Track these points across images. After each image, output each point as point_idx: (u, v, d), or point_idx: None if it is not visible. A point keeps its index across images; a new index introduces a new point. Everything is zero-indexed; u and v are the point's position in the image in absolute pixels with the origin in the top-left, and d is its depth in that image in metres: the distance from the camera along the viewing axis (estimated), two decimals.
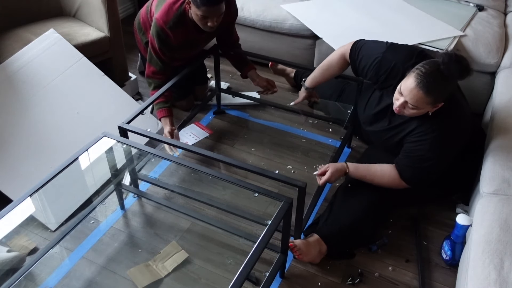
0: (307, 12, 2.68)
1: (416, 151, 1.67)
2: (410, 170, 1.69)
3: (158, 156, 1.69)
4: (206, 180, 2.14)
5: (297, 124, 2.50)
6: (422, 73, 1.50)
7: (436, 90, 1.50)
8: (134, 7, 3.62)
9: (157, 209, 2.00)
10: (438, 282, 1.72)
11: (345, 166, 1.76)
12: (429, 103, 1.54)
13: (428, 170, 1.68)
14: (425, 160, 1.65)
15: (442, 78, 1.49)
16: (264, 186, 2.07)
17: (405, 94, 1.56)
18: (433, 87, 1.49)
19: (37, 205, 1.72)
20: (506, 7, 2.79)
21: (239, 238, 1.84)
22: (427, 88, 1.49)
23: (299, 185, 1.51)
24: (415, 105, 1.55)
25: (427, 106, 1.56)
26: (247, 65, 2.41)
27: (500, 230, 1.43)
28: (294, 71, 2.70)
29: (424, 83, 1.49)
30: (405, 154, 1.71)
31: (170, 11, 2.00)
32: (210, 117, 2.55)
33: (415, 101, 1.54)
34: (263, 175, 1.59)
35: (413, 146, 1.68)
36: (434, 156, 1.65)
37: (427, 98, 1.51)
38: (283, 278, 1.72)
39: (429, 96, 1.51)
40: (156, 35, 2.03)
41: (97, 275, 1.72)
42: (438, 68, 1.49)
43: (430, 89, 1.49)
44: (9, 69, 2.09)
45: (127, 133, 1.79)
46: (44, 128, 2.06)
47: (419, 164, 1.67)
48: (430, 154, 1.64)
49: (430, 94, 1.50)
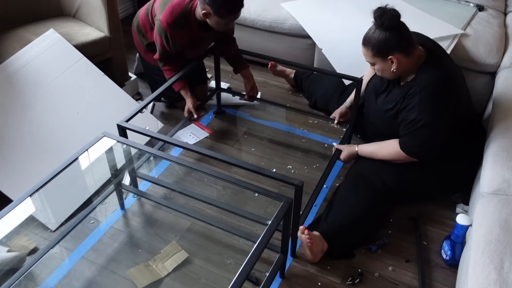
0: (305, 12, 2.68)
1: (407, 118, 1.74)
2: (407, 138, 1.76)
3: (157, 155, 1.68)
4: (206, 180, 2.14)
5: (297, 124, 2.50)
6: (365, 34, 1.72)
7: (370, 40, 1.69)
8: (134, 7, 3.63)
9: (157, 209, 2.00)
10: (438, 282, 1.72)
11: (355, 148, 1.98)
12: (372, 55, 1.72)
13: (424, 133, 1.71)
14: (417, 122, 1.71)
15: (374, 29, 1.68)
16: (264, 186, 2.08)
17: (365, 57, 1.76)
18: (367, 38, 1.70)
19: (37, 205, 1.72)
20: (506, 7, 2.79)
21: (239, 238, 1.84)
22: (363, 41, 1.72)
23: (295, 184, 1.51)
24: (368, 61, 1.76)
25: (376, 59, 1.73)
26: (241, 62, 2.44)
27: (500, 230, 1.43)
28: (294, 72, 2.70)
29: (363, 38, 1.72)
30: (401, 125, 1.78)
31: (175, 12, 2.03)
32: (210, 117, 2.55)
33: (366, 58, 1.76)
34: (260, 174, 1.59)
35: (405, 115, 1.76)
36: (425, 116, 1.69)
37: (366, 50, 1.72)
38: (283, 278, 1.72)
39: (366, 47, 1.72)
40: (161, 35, 2.08)
41: (97, 275, 1.72)
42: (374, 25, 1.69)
43: (365, 41, 1.71)
44: (9, 69, 2.09)
45: (126, 131, 1.79)
46: (44, 128, 2.06)
47: (413, 128, 1.72)
48: (421, 115, 1.70)
49: (365, 45, 1.71)
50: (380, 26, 1.66)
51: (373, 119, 1.99)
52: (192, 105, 2.25)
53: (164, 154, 1.71)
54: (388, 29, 1.65)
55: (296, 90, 2.76)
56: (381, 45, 1.68)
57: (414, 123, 1.72)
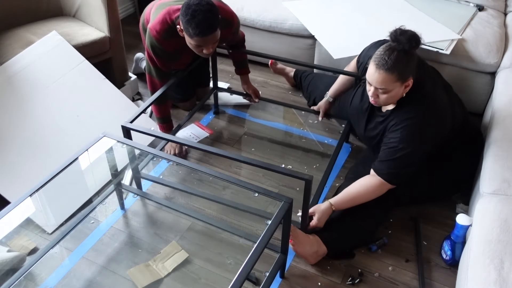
0: (306, 11, 2.68)
1: (389, 143, 1.69)
2: (387, 165, 1.69)
3: (158, 156, 1.69)
4: (206, 180, 2.14)
5: (297, 124, 2.50)
6: (377, 55, 1.57)
7: (395, 65, 1.54)
8: (134, 7, 3.62)
9: (157, 209, 2.00)
10: (438, 282, 1.72)
11: (329, 205, 1.75)
12: (394, 80, 1.57)
13: (404, 160, 1.67)
14: (399, 150, 1.66)
15: (395, 52, 1.54)
16: (264, 186, 2.08)
17: (371, 81, 1.61)
18: (391, 64, 1.54)
19: (35, 206, 1.71)
20: (506, 7, 2.79)
21: (239, 238, 1.84)
22: (385, 66, 1.54)
23: (305, 178, 1.55)
24: (383, 87, 1.59)
25: (395, 84, 1.58)
26: (244, 67, 2.42)
27: (500, 230, 1.43)
28: (294, 70, 2.70)
29: (382, 63, 1.54)
30: (382, 149, 1.73)
31: (165, 22, 1.91)
32: (210, 117, 2.55)
33: (381, 83, 1.58)
34: (269, 169, 1.61)
35: (387, 140, 1.71)
36: (407, 144, 1.65)
37: (389, 75, 1.55)
38: (283, 278, 1.72)
39: (390, 72, 1.55)
40: (150, 45, 1.97)
41: (97, 275, 1.72)
42: (389, 46, 1.56)
43: (389, 66, 1.54)
44: (10, 71, 2.09)
45: (130, 132, 1.79)
46: (44, 131, 2.06)
47: (394, 155, 1.67)
48: (404, 143, 1.65)
49: (390, 70, 1.54)
50: (409, 48, 1.54)
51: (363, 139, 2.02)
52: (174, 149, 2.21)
53: (167, 155, 1.70)
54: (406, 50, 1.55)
55: (296, 89, 2.76)
56: (407, 68, 1.57)
57: (393, 151, 1.67)
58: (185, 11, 1.74)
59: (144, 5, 3.10)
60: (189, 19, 1.72)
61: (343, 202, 1.76)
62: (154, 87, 2.10)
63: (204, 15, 1.72)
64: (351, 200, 1.75)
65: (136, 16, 3.58)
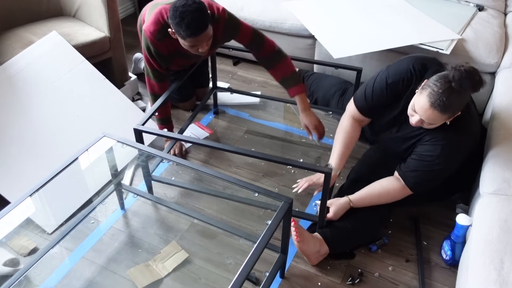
0: (306, 11, 2.68)
1: (426, 156, 1.65)
2: (416, 175, 1.68)
3: (163, 157, 1.69)
4: (206, 180, 2.14)
5: (297, 124, 2.50)
6: (434, 92, 1.47)
7: (451, 107, 1.48)
8: (134, 7, 3.62)
9: (157, 209, 2.00)
10: (438, 282, 1.72)
11: (348, 201, 1.76)
12: (446, 119, 1.54)
13: (434, 174, 1.67)
14: (434, 165, 1.64)
15: (455, 95, 1.46)
16: (264, 186, 2.08)
17: (420, 113, 1.54)
18: (448, 105, 1.46)
19: (35, 206, 1.71)
20: (506, 7, 2.79)
21: (239, 238, 1.84)
22: (442, 108, 1.47)
23: (325, 171, 1.58)
24: (432, 122, 1.55)
25: (444, 121, 1.56)
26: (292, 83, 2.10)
27: (500, 230, 1.43)
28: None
29: (438, 103, 1.46)
30: (414, 158, 1.69)
31: (158, 22, 1.87)
32: (210, 117, 2.55)
33: (432, 120, 1.53)
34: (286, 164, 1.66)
35: (424, 150, 1.66)
36: (443, 161, 1.63)
37: (443, 115, 1.50)
38: (283, 278, 1.72)
39: (445, 113, 1.49)
40: (146, 47, 1.95)
41: (97, 275, 1.72)
42: (450, 86, 1.45)
43: (446, 108, 1.47)
44: (10, 70, 2.09)
45: (142, 135, 1.79)
46: (44, 131, 2.06)
47: (427, 168, 1.65)
48: (440, 159, 1.63)
49: (446, 112, 1.48)
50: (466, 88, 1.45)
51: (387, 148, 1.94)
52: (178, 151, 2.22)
53: (168, 155, 1.69)
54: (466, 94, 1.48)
55: None
56: (459, 108, 1.51)
57: (427, 163, 1.65)
58: (173, 14, 1.72)
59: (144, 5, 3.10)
60: (179, 22, 1.71)
61: (362, 200, 1.76)
62: (153, 89, 2.10)
63: (192, 15, 1.70)
64: (370, 199, 1.76)
65: (136, 16, 3.58)
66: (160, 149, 2.21)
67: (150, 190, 2.01)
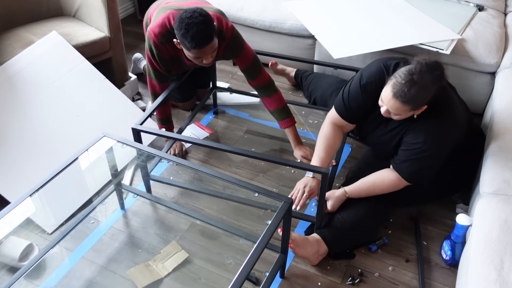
0: (306, 11, 2.68)
1: (413, 144, 1.68)
2: (408, 165, 1.70)
3: (164, 157, 1.69)
4: (206, 180, 2.14)
5: (297, 124, 2.49)
6: (397, 83, 1.52)
7: (412, 99, 1.52)
8: (134, 7, 3.62)
9: (157, 209, 2.00)
10: (438, 282, 1.72)
11: (344, 192, 1.80)
12: (408, 110, 1.57)
13: (426, 161, 1.68)
14: (423, 151, 1.66)
15: (416, 86, 1.50)
16: (264, 186, 2.08)
17: (385, 102, 1.60)
18: (409, 97, 1.51)
19: (35, 206, 1.71)
20: (506, 7, 2.79)
21: (239, 238, 1.84)
22: (403, 98, 1.52)
23: (322, 171, 1.60)
24: (396, 113, 1.60)
25: (409, 113, 1.60)
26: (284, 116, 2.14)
27: (500, 230, 1.43)
28: (295, 71, 2.70)
29: (400, 93, 1.52)
30: (403, 149, 1.72)
31: (164, 25, 1.88)
32: (210, 117, 2.55)
33: (395, 110, 1.58)
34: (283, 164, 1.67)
35: (410, 139, 1.70)
36: (430, 146, 1.66)
37: (404, 106, 1.55)
38: (283, 278, 1.72)
39: (406, 104, 1.54)
40: (149, 48, 1.95)
41: (97, 275, 1.72)
42: (412, 78, 1.50)
43: (407, 98, 1.52)
44: (10, 70, 2.09)
45: (140, 134, 1.79)
46: (44, 131, 2.06)
47: (417, 155, 1.68)
48: (427, 145, 1.65)
49: (406, 103, 1.53)
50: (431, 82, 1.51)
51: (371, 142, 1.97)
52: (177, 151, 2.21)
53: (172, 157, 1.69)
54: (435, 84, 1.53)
55: (296, 89, 2.76)
56: (423, 101, 1.56)
57: (415, 152, 1.67)
58: (179, 25, 1.72)
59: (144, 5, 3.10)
60: (184, 33, 1.71)
61: (358, 191, 1.79)
62: (154, 89, 2.10)
63: (198, 27, 1.70)
64: (366, 190, 1.79)
65: (136, 16, 3.58)
66: (160, 149, 2.21)
67: (148, 190, 2.01)
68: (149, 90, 2.13)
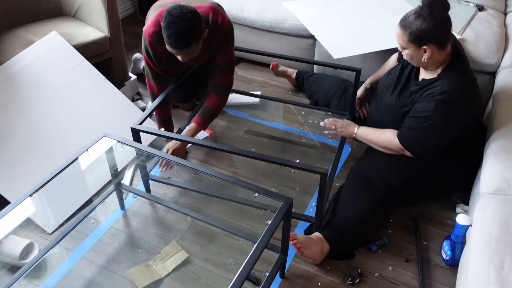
0: (306, 11, 2.68)
1: (422, 112, 1.71)
2: (409, 133, 1.75)
3: (163, 157, 1.69)
4: (206, 180, 2.14)
5: (297, 124, 2.50)
6: (406, 15, 1.64)
7: (409, 24, 1.61)
8: (134, 7, 3.62)
9: (157, 209, 2.00)
10: (438, 282, 1.72)
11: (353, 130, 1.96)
12: (406, 40, 1.64)
13: (428, 132, 1.70)
14: (429, 120, 1.68)
15: (416, 14, 1.61)
16: (264, 186, 2.08)
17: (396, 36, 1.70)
18: (407, 22, 1.62)
19: (35, 206, 1.71)
20: (506, 7, 2.78)
21: (239, 238, 1.84)
22: (402, 22, 1.64)
23: (321, 172, 1.58)
24: (399, 42, 1.69)
25: (409, 45, 1.66)
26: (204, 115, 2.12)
27: (500, 230, 1.43)
28: (296, 72, 2.70)
29: (402, 18, 1.65)
30: (411, 115, 1.76)
31: (157, 23, 1.84)
32: None
33: (397, 37, 1.68)
34: (283, 165, 1.67)
35: (420, 106, 1.72)
36: (437, 118, 1.67)
37: (402, 32, 1.64)
38: (283, 278, 1.72)
39: (403, 30, 1.63)
40: (144, 49, 1.94)
41: (97, 275, 1.72)
42: (418, 9, 1.61)
43: (405, 23, 1.62)
44: (10, 70, 2.09)
45: (139, 134, 1.79)
46: (44, 131, 2.06)
47: (422, 124, 1.70)
48: (435, 114, 1.67)
49: (403, 27, 1.63)
50: (427, 15, 1.58)
51: (383, 116, 1.96)
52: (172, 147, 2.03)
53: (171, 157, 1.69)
54: (433, 20, 1.59)
55: (296, 90, 2.76)
56: (421, 33, 1.60)
57: (422, 120, 1.70)
58: (164, 16, 1.71)
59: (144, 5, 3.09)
60: (164, 27, 1.70)
61: (365, 135, 1.93)
62: (152, 90, 2.10)
63: (177, 30, 1.68)
64: (369, 142, 1.93)
65: (136, 16, 3.58)
66: (160, 149, 2.21)
67: (148, 190, 2.01)
68: (148, 91, 2.13)
